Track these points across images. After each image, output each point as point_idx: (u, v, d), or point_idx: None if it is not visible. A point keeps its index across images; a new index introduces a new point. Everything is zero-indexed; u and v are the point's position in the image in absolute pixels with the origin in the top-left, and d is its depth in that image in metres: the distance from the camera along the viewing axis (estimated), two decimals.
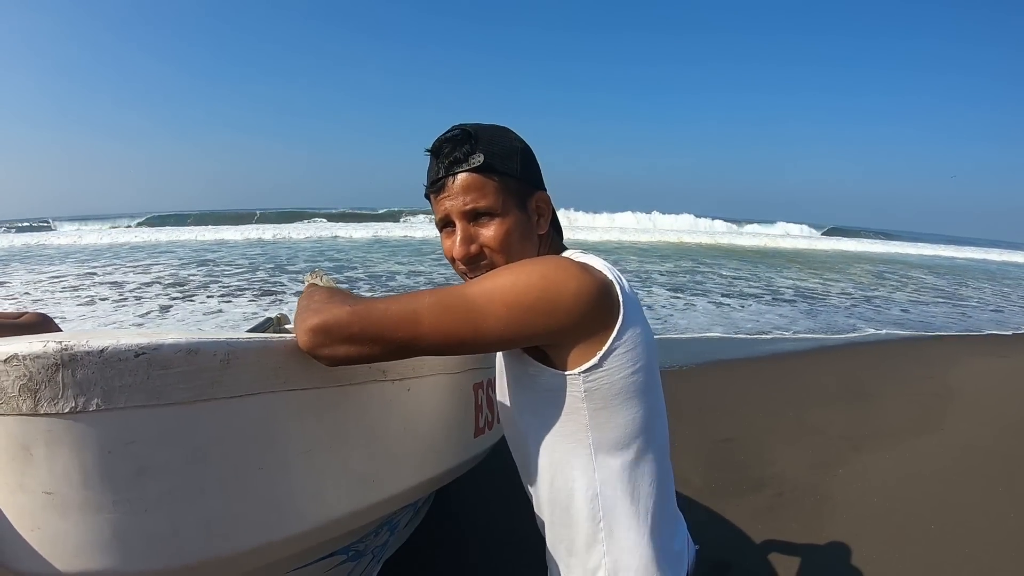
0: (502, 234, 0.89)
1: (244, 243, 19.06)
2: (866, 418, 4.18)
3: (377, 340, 0.75)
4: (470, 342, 0.77)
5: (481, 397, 1.52)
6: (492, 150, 0.89)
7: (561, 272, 0.76)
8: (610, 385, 0.80)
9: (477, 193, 0.88)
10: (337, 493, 0.94)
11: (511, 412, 0.96)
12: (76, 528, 0.68)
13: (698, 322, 7.80)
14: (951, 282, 15.37)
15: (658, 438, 0.88)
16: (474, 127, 0.90)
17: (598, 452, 0.84)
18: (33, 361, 0.64)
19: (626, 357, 0.80)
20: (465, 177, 0.88)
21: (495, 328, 0.75)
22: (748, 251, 23.52)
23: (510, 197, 0.90)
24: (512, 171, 0.90)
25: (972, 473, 3.31)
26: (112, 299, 8.62)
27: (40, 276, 11.17)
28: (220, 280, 10.53)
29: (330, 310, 0.76)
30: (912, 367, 5.73)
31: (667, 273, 13.70)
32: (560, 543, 0.92)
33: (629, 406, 0.82)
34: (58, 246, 18.49)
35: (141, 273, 11.48)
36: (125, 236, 21.31)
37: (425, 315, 0.75)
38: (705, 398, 4.45)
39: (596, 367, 0.79)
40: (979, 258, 28.71)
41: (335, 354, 0.76)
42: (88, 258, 14.73)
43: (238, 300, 8.69)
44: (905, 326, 8.26)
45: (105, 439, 0.67)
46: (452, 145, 0.89)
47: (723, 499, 2.95)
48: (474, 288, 0.77)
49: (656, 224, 35.97)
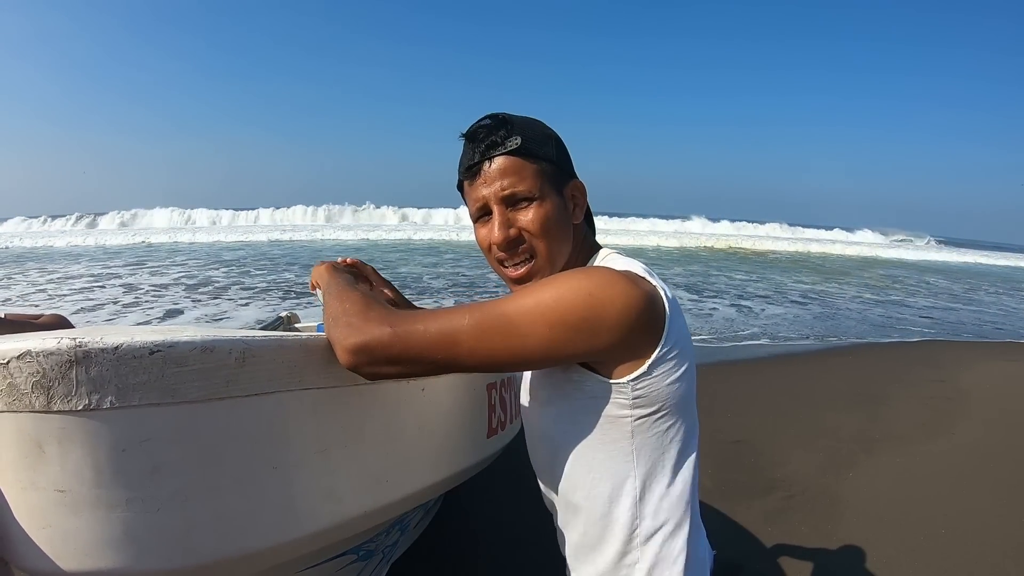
0: (541, 217, 0.86)
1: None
2: (877, 421, 4.15)
3: (418, 361, 0.75)
4: (510, 363, 0.76)
5: (495, 397, 1.51)
6: (528, 135, 0.87)
7: (607, 288, 0.74)
8: (657, 393, 0.78)
9: (516, 176, 0.86)
10: (351, 493, 0.93)
11: (542, 420, 0.93)
12: (88, 526, 0.67)
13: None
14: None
15: (693, 445, 0.86)
16: (506, 114, 0.89)
17: (639, 459, 0.82)
18: (47, 358, 0.63)
19: (671, 363, 0.78)
20: (503, 160, 0.86)
21: (537, 350, 0.74)
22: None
23: (547, 182, 0.88)
24: (548, 156, 0.88)
25: (983, 477, 3.28)
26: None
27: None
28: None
29: (370, 330, 0.75)
30: (923, 370, 5.68)
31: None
32: (591, 551, 0.89)
33: (672, 413, 0.81)
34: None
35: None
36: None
37: (464, 337, 0.74)
38: (716, 399, 4.42)
39: (645, 375, 0.77)
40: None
41: (377, 372, 0.77)
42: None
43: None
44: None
45: (119, 437, 0.66)
46: (488, 130, 0.87)
47: (734, 501, 2.93)
48: (514, 306, 0.75)
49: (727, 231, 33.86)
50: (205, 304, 8.40)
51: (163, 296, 9.01)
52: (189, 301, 8.60)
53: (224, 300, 8.71)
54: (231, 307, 8.23)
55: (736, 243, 25.91)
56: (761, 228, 35.23)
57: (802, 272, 15.97)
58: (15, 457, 0.65)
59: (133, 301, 8.53)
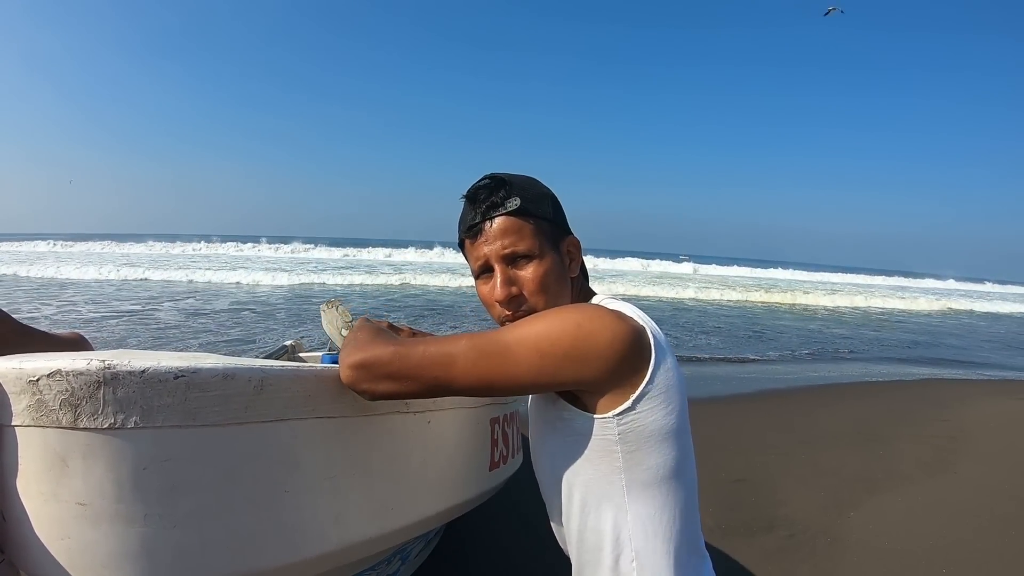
0: (541, 275, 0.90)
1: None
2: (879, 459, 4.12)
3: (414, 379, 0.79)
4: (502, 386, 0.79)
5: (497, 432, 1.53)
6: (526, 195, 0.91)
7: (596, 320, 0.78)
8: (643, 427, 0.81)
9: (516, 236, 0.90)
10: (358, 518, 0.95)
11: (543, 455, 0.96)
12: (106, 539, 0.70)
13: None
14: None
15: (689, 479, 0.88)
16: (506, 175, 0.93)
17: (630, 493, 0.84)
18: (76, 377, 0.67)
19: (658, 400, 0.81)
20: (503, 221, 0.90)
21: (528, 374, 0.78)
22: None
23: (546, 240, 0.92)
24: (545, 214, 0.93)
25: (986, 515, 3.24)
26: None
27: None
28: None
29: (372, 349, 0.80)
30: (926, 408, 5.65)
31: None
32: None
33: (662, 448, 0.82)
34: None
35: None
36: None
37: (460, 358, 0.78)
38: (716, 437, 4.40)
39: (629, 410, 0.80)
40: None
41: (375, 389, 0.81)
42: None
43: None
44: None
45: (142, 455, 0.70)
46: (488, 191, 0.92)
47: (734, 540, 2.90)
48: (510, 335, 0.79)
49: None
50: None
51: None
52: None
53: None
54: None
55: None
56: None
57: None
58: (39, 469, 0.68)
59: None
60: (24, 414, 0.67)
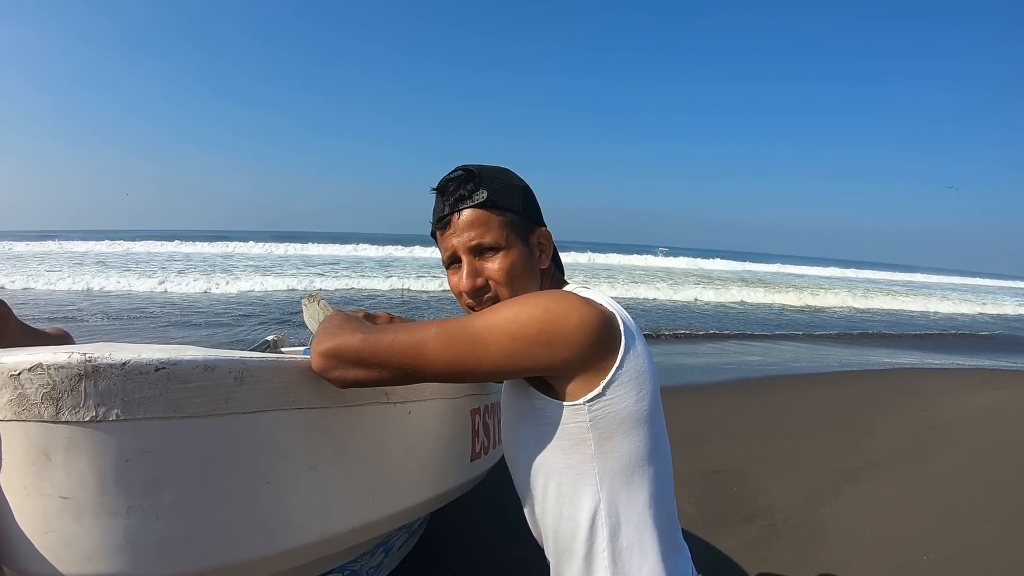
0: (507, 267, 0.92)
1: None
2: (861, 449, 4.19)
3: (384, 366, 0.79)
4: (473, 371, 0.80)
5: (478, 422, 1.55)
6: (495, 187, 0.93)
7: (564, 305, 0.80)
8: (614, 414, 0.82)
9: (482, 228, 0.92)
10: (340, 508, 0.97)
11: (515, 445, 0.97)
12: (89, 532, 0.71)
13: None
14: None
15: (662, 466, 0.89)
16: (477, 167, 0.95)
17: (603, 482, 0.85)
18: (57, 371, 0.67)
19: (629, 386, 0.82)
20: (470, 213, 0.92)
21: (497, 358, 0.79)
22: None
23: (513, 232, 0.94)
24: (514, 207, 0.94)
25: (966, 504, 3.31)
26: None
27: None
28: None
29: (343, 336, 0.81)
30: (906, 399, 5.74)
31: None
32: (566, 573, 0.91)
33: (634, 435, 0.84)
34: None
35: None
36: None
37: (431, 344, 0.79)
38: (698, 427, 4.45)
39: (600, 396, 0.81)
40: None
41: (345, 377, 0.81)
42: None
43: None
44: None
45: (123, 448, 0.70)
46: (457, 184, 0.93)
47: (717, 529, 2.94)
48: (479, 320, 0.81)
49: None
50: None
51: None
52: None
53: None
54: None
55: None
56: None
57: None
58: (21, 463, 0.69)
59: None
60: (6, 408, 0.67)
